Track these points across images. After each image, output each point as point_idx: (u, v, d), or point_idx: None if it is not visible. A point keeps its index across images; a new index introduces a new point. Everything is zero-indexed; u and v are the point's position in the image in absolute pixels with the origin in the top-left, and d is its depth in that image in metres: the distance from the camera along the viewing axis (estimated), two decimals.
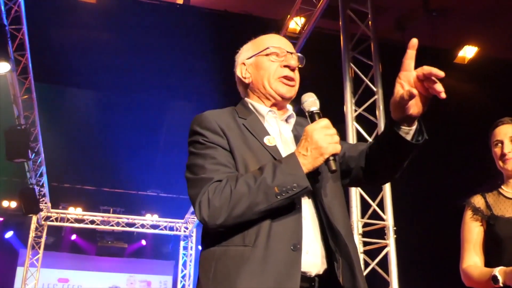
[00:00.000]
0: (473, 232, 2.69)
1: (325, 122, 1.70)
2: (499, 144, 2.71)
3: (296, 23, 6.59)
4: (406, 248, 5.52)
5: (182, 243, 13.18)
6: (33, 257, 11.79)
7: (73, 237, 13.75)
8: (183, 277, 12.91)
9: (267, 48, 1.96)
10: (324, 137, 1.66)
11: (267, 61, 1.95)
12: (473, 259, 2.66)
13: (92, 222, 12.44)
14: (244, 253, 1.64)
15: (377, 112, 5.00)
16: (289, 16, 6.55)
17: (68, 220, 12.24)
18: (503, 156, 2.68)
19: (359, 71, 5.23)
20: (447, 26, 7.95)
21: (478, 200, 2.73)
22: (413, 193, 10.80)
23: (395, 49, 7.83)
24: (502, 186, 2.72)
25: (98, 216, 12.48)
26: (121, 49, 7.18)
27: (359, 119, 5.03)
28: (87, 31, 7.11)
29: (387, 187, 4.70)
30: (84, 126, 9.84)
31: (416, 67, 1.58)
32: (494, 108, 8.21)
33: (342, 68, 5.18)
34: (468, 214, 2.73)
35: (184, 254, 13.12)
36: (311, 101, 1.80)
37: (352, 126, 4.92)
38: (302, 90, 1.99)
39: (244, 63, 2.00)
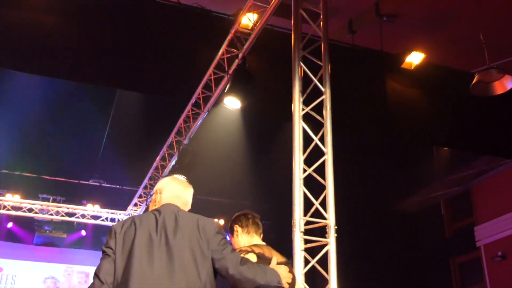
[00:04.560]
0: None
1: None
2: None
3: (248, 19, 6.59)
4: (346, 247, 5.61)
5: None
6: None
7: (9, 225, 13.30)
8: None
9: None
10: None
11: None
12: None
13: (30, 210, 12.09)
14: None
15: (324, 112, 5.05)
16: (241, 11, 6.54)
17: (4, 207, 11.82)
18: None
19: (309, 70, 5.27)
20: (396, 31, 8.10)
21: None
22: (355, 194, 11.00)
23: (345, 51, 7.98)
24: None
25: (36, 204, 12.12)
26: (69, 35, 6.97)
27: (306, 118, 5.07)
28: (32, 12, 6.87)
29: (330, 187, 4.76)
30: (25, 111, 9.53)
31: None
32: (436, 115, 8.43)
33: (292, 67, 5.20)
34: None
35: None
36: None
37: (299, 125, 4.95)
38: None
39: None
